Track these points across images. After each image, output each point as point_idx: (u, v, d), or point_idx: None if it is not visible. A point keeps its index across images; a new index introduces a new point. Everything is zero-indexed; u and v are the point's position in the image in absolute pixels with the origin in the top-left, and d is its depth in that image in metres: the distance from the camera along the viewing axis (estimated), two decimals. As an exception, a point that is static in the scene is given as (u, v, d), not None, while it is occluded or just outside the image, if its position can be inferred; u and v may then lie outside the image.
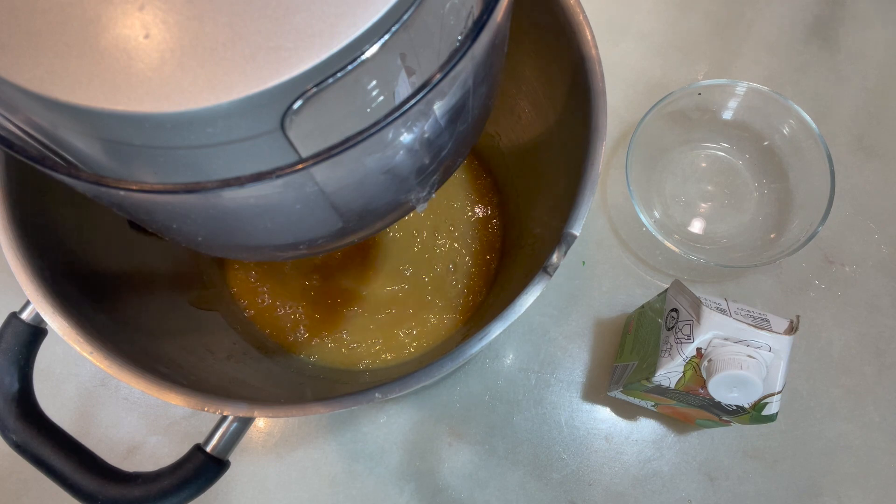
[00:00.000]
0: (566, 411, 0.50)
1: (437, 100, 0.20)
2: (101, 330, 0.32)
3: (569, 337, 0.52)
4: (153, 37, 0.15)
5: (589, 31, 0.34)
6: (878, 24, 0.60)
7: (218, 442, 0.31)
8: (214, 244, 0.25)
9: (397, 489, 0.49)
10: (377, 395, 0.30)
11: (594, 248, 0.54)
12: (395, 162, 0.21)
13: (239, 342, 0.46)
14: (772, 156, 0.55)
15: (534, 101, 0.43)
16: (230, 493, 0.49)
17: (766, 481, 0.49)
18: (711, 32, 0.60)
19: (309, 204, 0.21)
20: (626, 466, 0.49)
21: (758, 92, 0.53)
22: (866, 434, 0.50)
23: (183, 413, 0.50)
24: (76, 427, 0.50)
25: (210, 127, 0.16)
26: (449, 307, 0.51)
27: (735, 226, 0.54)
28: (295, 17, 0.16)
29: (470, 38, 0.18)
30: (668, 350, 0.39)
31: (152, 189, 0.17)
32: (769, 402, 0.38)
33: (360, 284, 0.52)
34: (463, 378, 0.51)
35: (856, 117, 0.58)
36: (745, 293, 0.53)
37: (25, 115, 0.17)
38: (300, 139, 0.17)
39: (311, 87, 0.16)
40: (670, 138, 0.56)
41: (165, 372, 0.32)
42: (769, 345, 0.37)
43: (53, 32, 0.15)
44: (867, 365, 0.52)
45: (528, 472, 0.49)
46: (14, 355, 0.31)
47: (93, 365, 0.35)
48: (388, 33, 0.16)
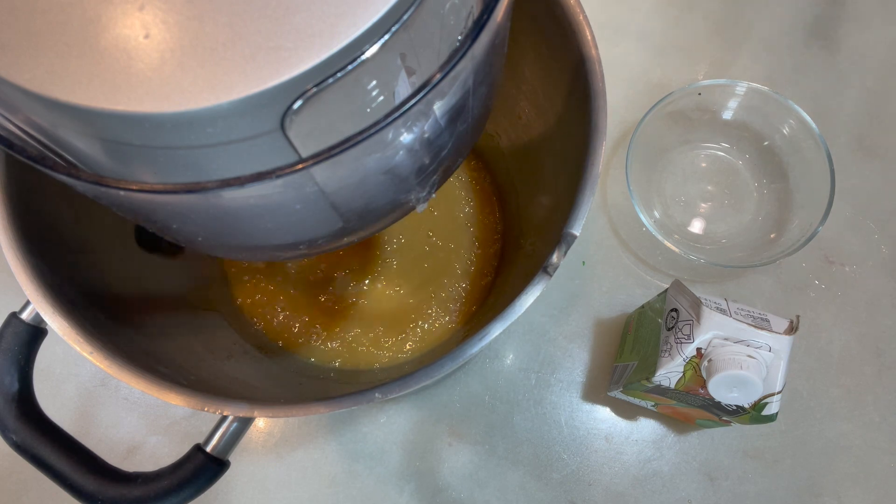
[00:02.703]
0: (566, 411, 0.50)
1: (437, 100, 0.20)
2: (101, 330, 0.32)
3: (569, 337, 0.52)
4: (153, 37, 0.15)
5: (589, 31, 0.34)
6: (878, 24, 0.60)
7: (218, 442, 0.31)
8: (214, 244, 0.25)
9: (397, 489, 0.49)
10: (377, 395, 0.30)
11: (594, 248, 0.54)
12: (395, 162, 0.21)
13: (239, 342, 0.46)
14: (772, 156, 0.55)
15: (534, 101, 0.43)
16: (230, 493, 0.49)
17: (766, 481, 0.49)
18: (711, 32, 0.60)
19: (309, 204, 0.21)
20: (626, 466, 0.49)
21: (758, 92, 0.53)
22: (866, 434, 0.50)
23: (183, 413, 0.50)
24: (76, 427, 0.50)
25: (210, 127, 0.16)
26: (449, 307, 0.51)
27: (735, 226, 0.54)
28: (295, 17, 0.16)
29: (470, 38, 0.18)
30: (668, 350, 0.39)
31: (152, 189, 0.17)
32: (769, 402, 0.38)
33: (360, 285, 0.52)
34: (463, 378, 0.51)
35: (856, 117, 0.58)
36: (745, 293, 0.53)
37: (25, 115, 0.17)
38: (300, 139, 0.17)
39: (311, 87, 0.16)
40: (670, 138, 0.56)
41: (165, 372, 0.32)
42: (769, 345, 0.37)
43: (53, 32, 0.15)
44: (867, 365, 0.51)
45: (528, 472, 0.49)
46: (14, 355, 0.31)
47: (93, 365, 0.35)
48: (388, 33, 0.16)
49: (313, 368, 0.49)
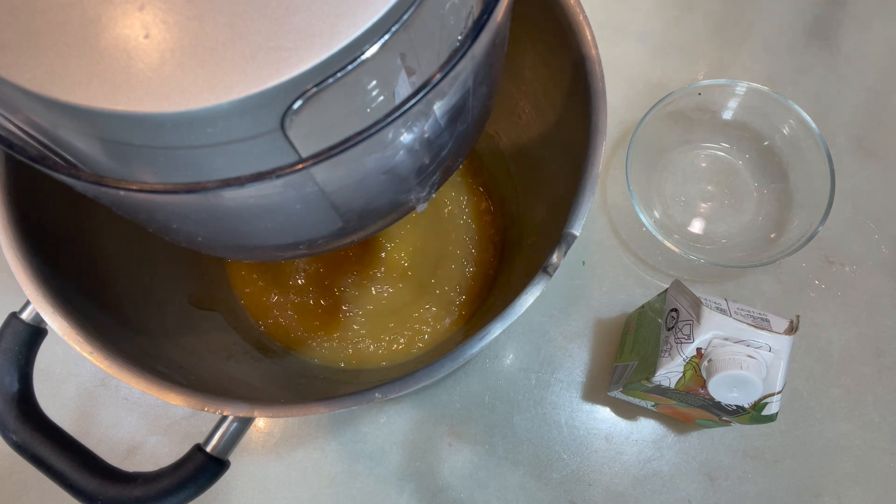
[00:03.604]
0: (566, 411, 0.50)
1: (437, 100, 0.20)
2: (101, 330, 0.32)
3: (569, 337, 0.52)
4: (153, 37, 0.15)
5: (589, 31, 0.34)
6: (878, 24, 0.60)
7: (218, 442, 0.31)
8: (214, 244, 0.25)
9: (397, 489, 0.49)
10: (377, 395, 0.30)
11: (594, 248, 0.54)
12: (395, 162, 0.21)
13: (239, 342, 0.46)
14: (772, 156, 0.55)
15: (534, 101, 0.43)
16: (230, 493, 0.49)
17: (766, 481, 0.49)
18: (711, 32, 0.60)
19: (309, 204, 0.21)
20: (626, 466, 0.49)
21: (758, 92, 0.53)
22: (866, 434, 0.50)
23: (183, 413, 0.50)
24: (76, 427, 0.50)
25: (210, 127, 0.16)
26: (449, 308, 0.51)
27: (735, 226, 0.54)
28: (295, 17, 0.16)
29: (470, 38, 0.18)
30: (668, 350, 0.39)
31: (152, 189, 0.17)
32: (769, 402, 0.38)
33: (360, 285, 0.52)
34: (463, 378, 0.51)
35: (856, 117, 0.58)
36: (745, 293, 0.53)
37: (25, 115, 0.17)
38: (300, 139, 0.17)
39: (311, 87, 0.16)
40: (670, 138, 0.56)
41: (165, 372, 0.32)
42: (769, 345, 0.37)
43: (53, 32, 0.15)
44: (867, 365, 0.51)
45: (528, 472, 0.49)
46: (14, 355, 0.31)
47: (93, 365, 0.35)
48: (388, 33, 0.16)
49: (313, 368, 0.49)
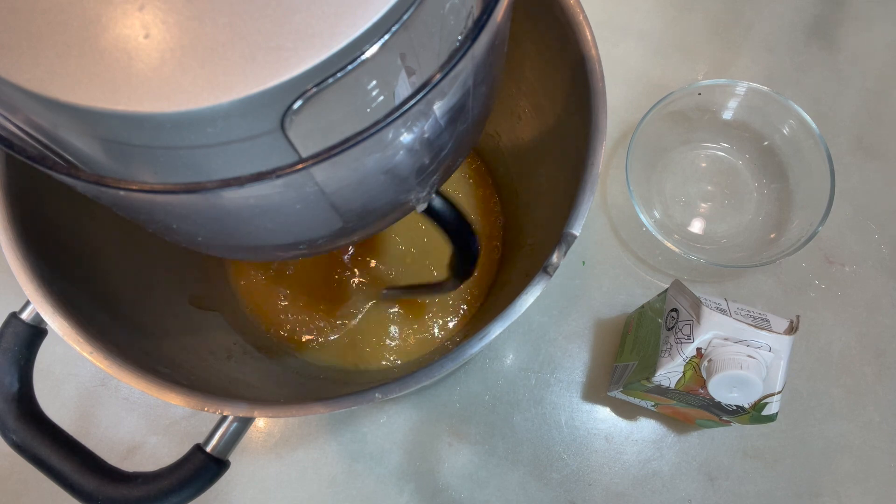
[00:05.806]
0: (566, 411, 0.50)
1: (437, 100, 0.20)
2: (101, 330, 0.32)
3: (569, 337, 0.52)
4: (153, 37, 0.15)
5: (589, 31, 0.34)
6: (878, 24, 0.60)
7: (218, 442, 0.31)
8: (214, 244, 0.25)
9: (397, 489, 0.49)
10: (377, 395, 0.30)
11: (594, 248, 0.54)
12: (395, 162, 0.21)
13: (239, 342, 0.46)
14: (772, 156, 0.55)
15: (534, 101, 0.43)
16: (230, 493, 0.49)
17: (766, 481, 0.49)
18: (711, 32, 0.60)
19: (309, 204, 0.21)
20: (626, 466, 0.49)
21: (758, 92, 0.53)
22: (866, 434, 0.50)
23: (183, 413, 0.50)
24: (76, 427, 0.50)
25: (210, 127, 0.16)
26: (449, 308, 0.51)
27: (735, 226, 0.54)
28: (295, 17, 0.16)
29: (470, 38, 0.18)
30: (668, 350, 0.39)
31: (152, 189, 0.17)
32: (769, 402, 0.38)
33: (360, 285, 0.52)
34: (463, 378, 0.51)
35: (856, 117, 0.58)
36: (745, 293, 0.53)
37: (25, 115, 0.17)
38: (300, 139, 0.17)
39: (311, 87, 0.16)
40: (670, 138, 0.56)
41: (165, 372, 0.32)
42: (769, 345, 0.37)
43: (53, 32, 0.15)
44: (867, 365, 0.51)
45: (528, 472, 0.49)
46: (14, 355, 0.31)
47: (93, 365, 0.35)
48: (388, 33, 0.16)
49: (313, 368, 0.49)
